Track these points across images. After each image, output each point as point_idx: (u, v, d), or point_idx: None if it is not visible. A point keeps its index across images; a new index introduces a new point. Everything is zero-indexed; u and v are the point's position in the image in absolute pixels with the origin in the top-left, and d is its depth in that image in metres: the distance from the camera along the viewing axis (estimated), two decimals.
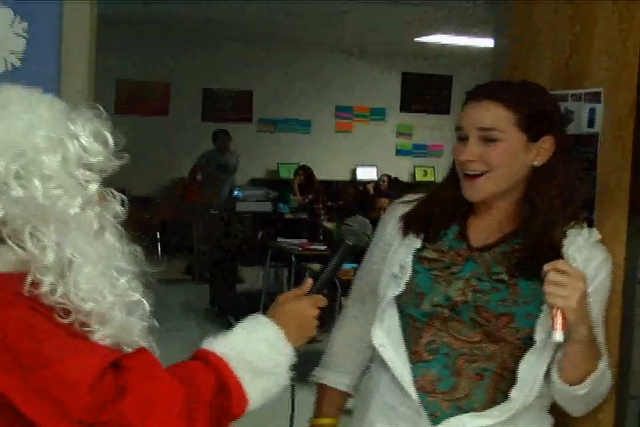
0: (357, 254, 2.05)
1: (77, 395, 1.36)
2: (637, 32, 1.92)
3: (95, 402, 1.36)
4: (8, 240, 1.47)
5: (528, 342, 1.82)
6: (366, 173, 11.85)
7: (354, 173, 12.11)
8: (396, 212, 2.01)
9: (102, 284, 1.50)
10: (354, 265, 6.32)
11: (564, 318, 1.66)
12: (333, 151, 11.83)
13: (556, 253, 1.81)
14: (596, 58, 2.02)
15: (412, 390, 1.86)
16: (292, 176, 10.73)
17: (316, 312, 1.69)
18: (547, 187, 1.85)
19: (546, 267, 1.70)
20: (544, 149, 1.85)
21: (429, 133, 12.46)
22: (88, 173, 1.51)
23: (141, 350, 1.50)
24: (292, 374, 1.60)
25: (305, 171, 10.35)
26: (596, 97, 1.99)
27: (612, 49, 1.99)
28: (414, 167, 12.51)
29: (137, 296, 1.56)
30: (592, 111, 1.99)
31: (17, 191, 1.44)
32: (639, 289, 1.91)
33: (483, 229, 1.93)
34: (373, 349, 1.97)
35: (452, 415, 1.84)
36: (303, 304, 1.69)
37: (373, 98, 12.09)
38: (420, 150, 12.53)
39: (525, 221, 1.87)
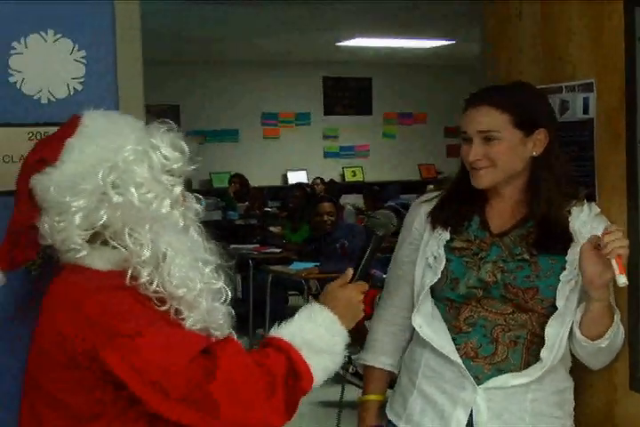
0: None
1: (173, 374, 1.57)
2: (621, 25, 2.16)
3: (188, 382, 1.57)
4: (110, 241, 1.70)
5: (552, 310, 2.09)
6: (297, 177, 12.00)
7: (285, 177, 12.28)
8: (420, 210, 2.28)
9: (192, 273, 1.72)
10: (314, 264, 6.57)
11: (620, 264, 1.92)
12: (263, 158, 11.96)
13: (565, 230, 2.11)
14: (585, 53, 2.28)
15: (455, 357, 2.11)
16: (225, 185, 10.86)
17: (361, 297, 1.91)
18: (546, 173, 2.13)
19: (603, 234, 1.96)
20: (539, 141, 2.12)
21: (354, 135, 12.73)
22: (171, 177, 1.76)
23: (228, 339, 1.70)
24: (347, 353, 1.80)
25: (239, 178, 10.49)
26: (588, 87, 2.25)
27: (597, 44, 2.24)
28: (343, 168, 12.75)
29: (220, 284, 1.79)
30: (586, 100, 2.26)
31: (117, 198, 1.68)
32: None
33: (499, 217, 2.19)
34: (413, 330, 2.22)
35: (493, 376, 2.09)
36: (350, 290, 1.90)
37: (297, 103, 12.30)
38: (346, 152, 12.77)
39: (531, 205, 2.15)
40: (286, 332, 1.74)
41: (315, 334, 1.76)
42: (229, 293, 1.82)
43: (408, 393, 2.21)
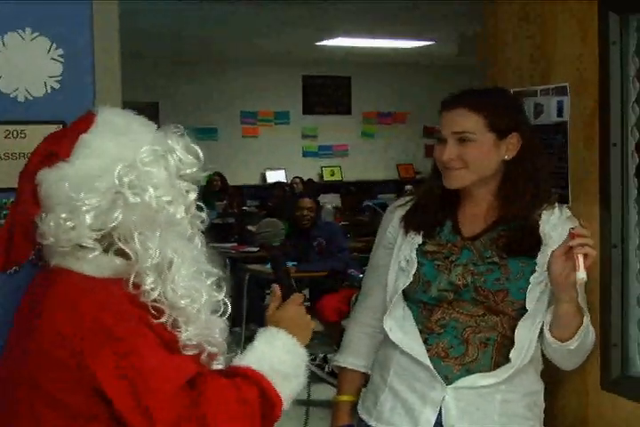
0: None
1: (162, 401, 1.52)
2: (594, 31, 2.19)
3: (175, 414, 1.52)
4: (119, 243, 1.63)
5: (522, 313, 2.12)
6: (275, 176, 12.02)
7: (263, 176, 12.28)
8: (394, 215, 2.30)
9: (197, 283, 1.67)
10: (292, 263, 6.58)
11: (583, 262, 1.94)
12: (242, 156, 11.96)
13: (535, 233, 2.14)
14: (560, 57, 2.31)
15: (424, 359, 2.14)
16: (202, 183, 10.82)
17: (303, 310, 1.87)
18: (518, 177, 2.15)
19: (570, 234, 1.98)
20: (512, 145, 2.15)
21: (333, 134, 12.76)
22: (185, 183, 1.69)
23: (211, 375, 1.63)
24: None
25: (220, 177, 10.49)
26: (562, 90, 2.29)
27: (573, 47, 2.27)
28: (321, 168, 12.77)
29: (221, 297, 1.73)
30: (560, 103, 2.29)
31: (134, 199, 1.61)
32: (614, 252, 2.20)
33: (471, 221, 2.22)
34: (384, 332, 2.23)
35: (462, 376, 2.12)
36: (290, 308, 1.84)
37: (277, 102, 12.31)
38: (325, 151, 12.81)
39: (503, 209, 2.17)
40: (252, 359, 1.70)
41: (278, 359, 1.72)
42: (229, 306, 1.76)
43: (379, 391, 2.23)
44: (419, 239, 2.22)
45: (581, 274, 1.95)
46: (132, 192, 1.62)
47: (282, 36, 9.93)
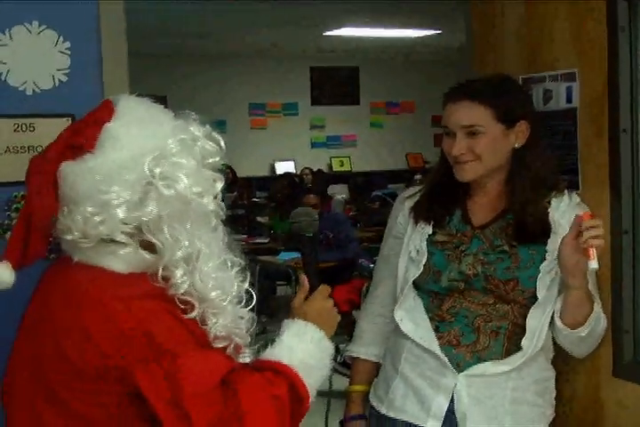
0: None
1: (201, 403, 1.50)
2: (602, 18, 2.18)
3: (213, 415, 1.51)
4: (148, 236, 1.57)
5: (533, 301, 2.12)
6: (284, 167, 12.01)
7: (273, 167, 12.29)
8: (404, 205, 2.31)
9: (225, 273, 1.64)
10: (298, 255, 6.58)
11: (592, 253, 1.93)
12: (251, 148, 11.94)
13: (544, 221, 2.13)
14: (568, 43, 2.30)
15: (435, 348, 2.14)
16: None
17: (331, 302, 1.84)
18: (527, 164, 2.15)
19: (578, 220, 1.97)
20: (521, 133, 2.14)
21: (341, 124, 12.74)
22: (211, 172, 1.64)
23: (246, 372, 1.61)
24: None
25: (230, 169, 10.48)
26: (571, 76, 2.27)
27: (580, 34, 2.26)
28: (330, 158, 12.76)
29: (246, 286, 1.70)
30: (569, 89, 2.28)
31: (168, 191, 1.56)
32: (625, 238, 2.20)
33: (480, 210, 2.22)
34: (395, 322, 2.24)
35: (474, 364, 2.12)
36: (317, 301, 1.81)
37: (285, 93, 12.29)
38: (334, 142, 12.80)
39: (513, 197, 2.17)
40: (283, 353, 1.68)
41: (307, 353, 1.70)
42: (254, 296, 1.73)
43: (391, 379, 2.24)
44: (429, 229, 2.22)
45: (593, 264, 1.93)
46: (165, 184, 1.56)
47: (288, 27, 9.91)
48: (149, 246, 1.60)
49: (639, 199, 2.18)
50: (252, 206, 9.59)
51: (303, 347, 1.71)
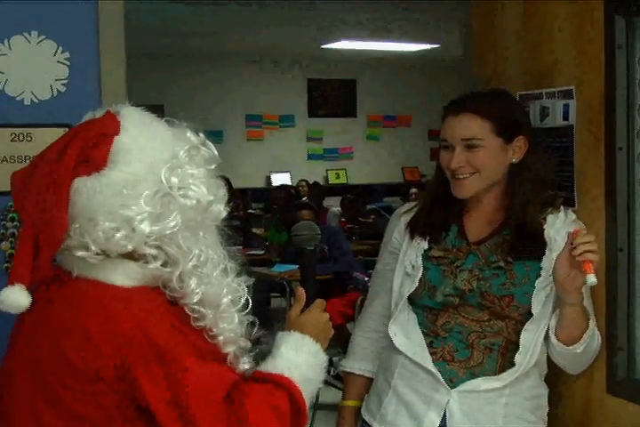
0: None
1: (208, 415, 1.51)
2: (600, 34, 2.19)
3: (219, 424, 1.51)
4: (164, 247, 1.56)
5: (527, 317, 2.12)
6: (281, 179, 12.01)
7: (268, 179, 12.28)
8: (400, 220, 2.31)
9: (228, 280, 1.65)
10: (297, 266, 6.57)
11: (589, 266, 1.94)
12: (247, 159, 11.94)
13: (540, 237, 2.14)
14: (565, 60, 2.31)
15: (428, 364, 2.14)
16: None
17: (326, 315, 1.84)
18: (524, 180, 2.16)
19: (572, 235, 1.98)
20: (518, 148, 2.15)
21: (338, 137, 12.74)
22: (215, 179, 1.64)
23: (249, 385, 1.60)
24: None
25: (225, 180, 10.48)
26: (568, 94, 2.28)
27: (578, 52, 2.27)
28: (327, 171, 12.76)
29: (244, 292, 1.69)
30: (566, 106, 2.29)
31: (189, 201, 1.55)
32: (620, 256, 2.19)
33: (476, 226, 2.22)
34: (389, 336, 2.24)
35: (467, 380, 2.12)
36: (313, 313, 1.82)
37: (282, 105, 12.29)
38: (330, 154, 12.78)
39: (508, 213, 2.17)
40: (283, 366, 1.68)
41: (307, 366, 1.71)
42: (250, 301, 1.72)
43: (383, 393, 2.23)
44: (424, 245, 2.22)
45: (591, 278, 1.94)
46: (182, 194, 1.56)
47: (286, 40, 9.94)
48: (160, 257, 1.58)
49: (634, 217, 2.18)
50: (247, 218, 9.59)
51: (302, 360, 1.71)
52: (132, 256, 1.57)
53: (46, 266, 1.55)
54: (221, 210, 1.63)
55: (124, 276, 1.57)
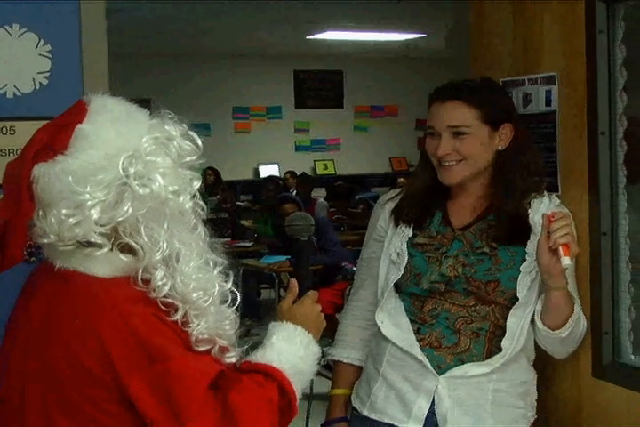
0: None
1: (194, 406, 1.49)
2: (581, 19, 2.20)
3: (205, 414, 1.50)
4: (125, 238, 1.55)
5: (514, 302, 2.13)
6: (268, 171, 12.01)
7: (257, 171, 12.28)
8: (384, 208, 2.31)
9: (207, 274, 1.62)
10: (286, 257, 6.59)
11: (566, 248, 1.96)
12: (234, 151, 11.93)
13: (524, 222, 2.14)
14: (548, 46, 2.31)
15: (416, 351, 2.14)
16: None
17: (319, 307, 1.83)
18: (510, 167, 2.16)
19: (551, 215, 2.00)
20: (505, 135, 2.16)
21: (326, 128, 12.78)
22: (188, 171, 1.62)
23: (236, 376, 1.59)
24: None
25: (213, 171, 10.49)
26: (550, 80, 2.29)
27: (560, 37, 2.27)
28: (314, 162, 12.77)
29: (229, 286, 1.67)
30: (548, 92, 2.30)
31: (143, 190, 1.54)
32: (604, 240, 2.20)
33: (461, 212, 2.23)
34: (376, 324, 2.24)
35: (455, 366, 2.13)
36: (305, 305, 1.81)
37: (269, 97, 12.30)
38: (318, 145, 12.82)
39: (494, 199, 2.18)
40: (274, 357, 1.67)
41: (298, 357, 1.70)
42: (238, 296, 1.70)
43: (373, 381, 2.24)
44: (409, 232, 2.23)
45: (566, 260, 1.96)
46: (140, 183, 1.54)
47: (272, 31, 9.91)
48: (129, 249, 1.58)
49: (618, 201, 2.19)
50: (235, 210, 9.57)
51: (293, 350, 1.70)
52: (101, 247, 1.56)
53: (16, 252, 1.54)
54: (185, 202, 1.60)
55: (100, 265, 1.56)
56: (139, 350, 1.50)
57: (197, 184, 1.63)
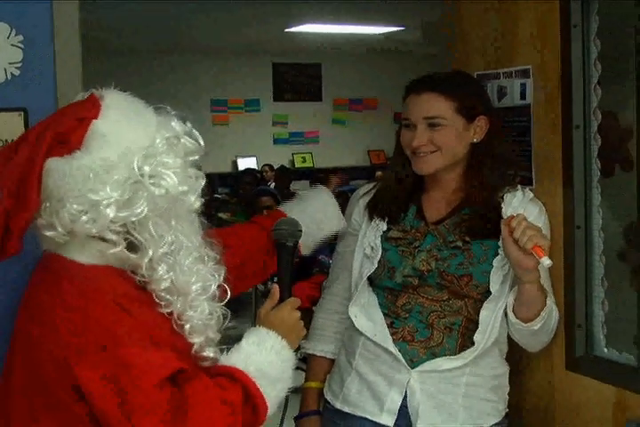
0: None
1: (143, 393, 1.48)
2: (555, 15, 2.20)
3: (154, 414, 1.49)
4: (133, 233, 1.56)
5: (487, 296, 2.14)
6: (247, 164, 11.99)
7: (235, 164, 12.25)
8: (359, 202, 2.32)
9: (204, 268, 1.64)
10: None
11: (539, 249, 1.97)
12: (212, 144, 11.64)
13: (497, 217, 2.15)
14: (522, 40, 2.32)
15: (388, 345, 2.15)
16: None
17: (298, 314, 1.83)
18: (484, 159, 2.17)
19: (507, 222, 2.01)
20: (480, 128, 2.17)
21: (304, 121, 12.71)
22: (194, 170, 1.64)
23: (197, 375, 1.58)
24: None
25: None
26: (525, 73, 2.29)
27: (535, 31, 2.27)
28: (293, 154, 12.75)
29: (220, 281, 1.69)
30: (523, 86, 2.30)
31: (158, 190, 1.55)
32: (578, 233, 2.22)
33: (435, 206, 2.23)
34: (350, 318, 2.25)
35: (428, 360, 2.14)
36: (285, 311, 1.81)
37: (247, 89, 12.25)
38: (296, 138, 12.77)
39: (468, 192, 2.18)
40: (239, 359, 1.67)
41: (267, 361, 1.69)
42: (229, 291, 1.72)
43: (345, 374, 2.24)
44: (383, 226, 2.23)
45: (546, 261, 1.97)
46: (153, 182, 1.55)
47: (251, 24, 9.87)
48: (131, 243, 1.59)
49: (591, 195, 2.20)
50: (213, 202, 9.55)
51: (263, 355, 1.69)
52: (101, 237, 1.57)
53: (16, 243, 1.54)
54: (195, 201, 1.62)
55: (85, 254, 1.57)
56: (89, 335, 1.49)
57: (202, 182, 1.66)
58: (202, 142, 1.67)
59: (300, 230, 2.01)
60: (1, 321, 1.79)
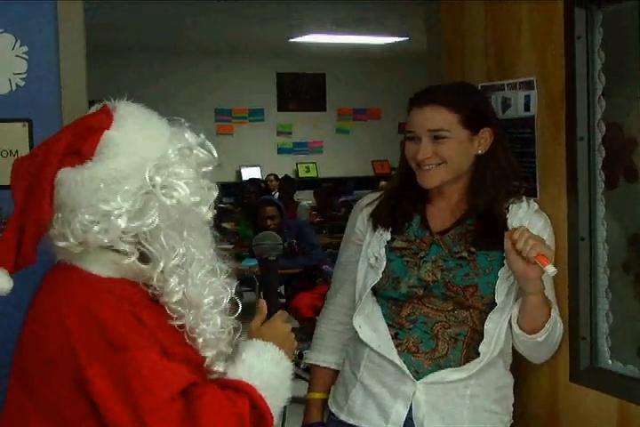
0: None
1: (153, 408, 1.48)
2: (560, 25, 2.20)
3: (168, 418, 1.49)
4: (145, 244, 1.56)
5: (492, 307, 2.13)
6: (251, 173, 11.99)
7: (239, 173, 12.26)
8: (362, 211, 2.31)
9: (217, 281, 1.63)
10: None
11: (543, 258, 1.98)
12: (217, 154, 11.85)
13: (503, 228, 2.14)
14: (526, 51, 2.32)
15: (393, 356, 2.14)
16: None
17: (289, 327, 1.83)
18: (489, 171, 2.17)
19: (510, 235, 2.01)
20: (484, 139, 2.17)
21: (308, 131, 12.73)
22: (206, 181, 1.64)
23: (208, 386, 1.58)
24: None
25: None
26: (529, 85, 2.29)
27: (539, 43, 2.28)
28: (297, 164, 12.75)
29: (232, 294, 1.68)
30: (527, 97, 2.30)
31: (170, 200, 1.55)
32: (582, 245, 2.21)
33: (440, 216, 2.23)
34: (354, 328, 2.24)
35: (433, 371, 2.13)
36: (275, 324, 1.81)
37: (251, 99, 12.26)
38: (300, 148, 12.78)
39: (473, 203, 2.18)
40: (243, 372, 1.67)
41: (268, 372, 1.69)
42: (240, 304, 1.72)
43: (350, 385, 2.24)
44: (387, 236, 2.22)
45: (550, 268, 1.97)
46: (165, 193, 1.55)
47: (255, 33, 9.90)
48: (143, 254, 1.59)
49: (596, 207, 2.20)
50: (217, 212, 9.53)
51: (264, 366, 1.70)
52: (114, 248, 1.58)
53: (31, 252, 1.54)
54: (207, 212, 1.62)
55: (100, 265, 1.57)
56: (101, 338, 1.49)
57: (215, 194, 1.65)
58: (215, 154, 1.67)
59: (281, 244, 2.02)
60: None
